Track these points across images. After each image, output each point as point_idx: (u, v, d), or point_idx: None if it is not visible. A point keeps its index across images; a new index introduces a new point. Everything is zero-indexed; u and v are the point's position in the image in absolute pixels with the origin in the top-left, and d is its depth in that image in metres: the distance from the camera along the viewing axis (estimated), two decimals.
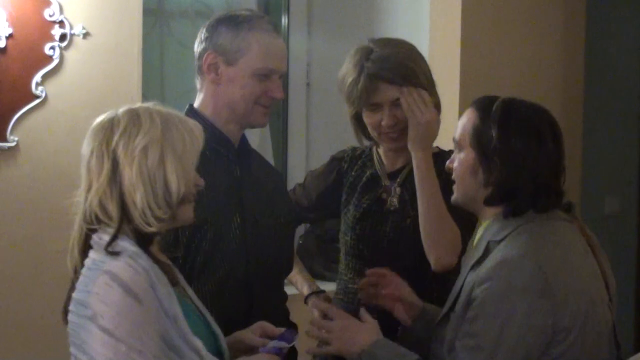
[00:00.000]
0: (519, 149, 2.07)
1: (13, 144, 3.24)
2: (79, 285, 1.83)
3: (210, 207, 2.26)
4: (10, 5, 3.19)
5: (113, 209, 1.85)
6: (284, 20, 4.37)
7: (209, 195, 2.26)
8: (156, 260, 1.88)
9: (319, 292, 2.77)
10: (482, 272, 2.02)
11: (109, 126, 1.88)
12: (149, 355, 1.75)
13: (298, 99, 4.35)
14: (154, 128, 1.87)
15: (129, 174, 1.84)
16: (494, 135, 2.08)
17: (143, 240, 1.86)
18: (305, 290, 2.76)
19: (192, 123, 1.95)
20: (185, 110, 2.40)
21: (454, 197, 2.22)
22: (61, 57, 3.27)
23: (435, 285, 2.51)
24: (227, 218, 2.31)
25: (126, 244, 1.83)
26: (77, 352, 1.80)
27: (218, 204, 2.29)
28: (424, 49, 3.81)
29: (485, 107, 2.14)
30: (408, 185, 2.57)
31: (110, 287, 1.76)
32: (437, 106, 2.56)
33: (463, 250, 2.36)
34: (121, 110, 1.91)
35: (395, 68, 2.50)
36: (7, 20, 3.18)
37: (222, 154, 2.35)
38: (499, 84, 3.68)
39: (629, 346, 4.08)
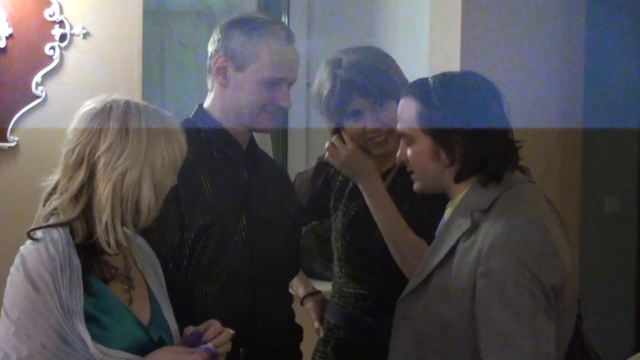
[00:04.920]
0: (472, 118, 2.07)
1: (13, 144, 3.24)
2: None
3: (217, 209, 2.26)
4: (10, 5, 3.19)
5: (72, 213, 1.86)
6: (284, 20, 4.37)
7: (215, 197, 2.26)
8: (90, 253, 1.87)
9: (314, 293, 2.76)
10: (485, 244, 2.00)
11: (97, 131, 1.87)
12: (36, 342, 1.78)
13: (298, 99, 4.33)
14: (138, 152, 1.86)
15: (101, 191, 1.85)
16: (443, 113, 2.07)
17: (89, 244, 1.87)
18: (301, 292, 2.75)
19: (177, 142, 1.93)
20: (195, 110, 2.41)
21: (416, 187, 2.19)
22: (61, 57, 3.27)
23: None
24: (233, 220, 2.30)
25: (54, 232, 1.85)
26: None
27: (224, 206, 2.29)
28: (424, 49, 3.81)
29: (421, 90, 2.12)
30: (395, 189, 2.55)
31: (17, 270, 1.83)
32: None
33: None
34: (114, 110, 1.89)
35: (368, 72, 2.49)
36: (7, 20, 3.18)
37: (230, 156, 2.35)
38: (498, 84, 3.67)
39: (629, 346, 4.08)
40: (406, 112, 2.14)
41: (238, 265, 2.28)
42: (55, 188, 1.91)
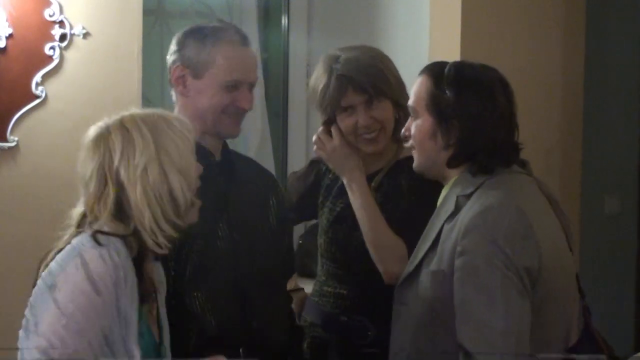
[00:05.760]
0: (475, 110, 2.13)
1: (13, 144, 3.25)
2: (57, 256, 1.89)
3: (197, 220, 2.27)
4: (10, 5, 3.19)
5: (126, 229, 1.89)
6: (284, 20, 4.37)
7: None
8: (139, 272, 1.91)
9: (296, 290, 2.78)
10: (462, 224, 2.05)
11: (105, 147, 1.91)
12: (84, 340, 1.80)
13: (298, 99, 4.34)
14: (147, 145, 1.90)
15: (135, 197, 1.88)
16: (449, 98, 2.13)
17: (142, 254, 1.90)
18: None
19: (178, 122, 1.98)
20: None
21: (415, 164, 2.26)
22: (61, 57, 3.27)
23: None
24: (213, 229, 2.31)
25: (117, 242, 1.86)
26: (29, 313, 1.88)
27: (203, 216, 2.29)
28: (424, 48, 3.81)
29: (437, 72, 2.18)
30: (382, 189, 2.57)
31: (77, 270, 1.83)
32: (407, 109, 2.55)
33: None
34: (111, 125, 1.94)
35: (364, 68, 2.51)
36: (7, 20, 3.18)
37: (203, 166, 2.36)
38: None
39: (628, 346, 4.08)
40: (418, 88, 2.21)
41: (222, 273, 2.29)
42: (83, 218, 1.93)
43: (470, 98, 2.13)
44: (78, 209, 1.96)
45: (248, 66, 2.37)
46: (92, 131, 1.96)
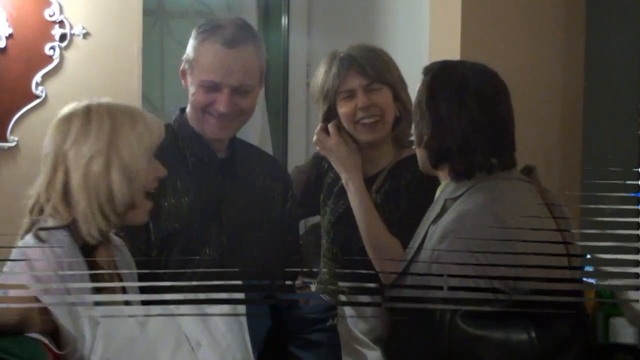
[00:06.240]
0: (442, 109, 2.08)
1: (13, 144, 3.25)
2: (7, 262, 1.89)
3: (184, 216, 2.27)
4: (10, 5, 3.20)
5: (64, 214, 1.90)
6: (284, 20, 4.37)
7: (184, 204, 2.26)
8: (92, 260, 1.91)
9: (301, 288, 2.78)
10: (441, 228, 2.02)
11: (66, 128, 1.93)
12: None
13: (298, 99, 4.34)
14: (101, 137, 1.91)
15: (74, 182, 1.90)
16: (425, 98, 2.10)
17: (88, 244, 1.91)
18: None
19: (145, 124, 1.97)
20: (177, 115, 2.43)
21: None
22: (61, 57, 3.28)
23: None
24: (202, 227, 2.30)
25: (59, 234, 1.88)
26: None
27: (193, 213, 2.28)
28: (424, 48, 3.81)
29: (428, 71, 2.15)
30: (383, 191, 2.56)
31: (22, 270, 1.83)
32: (407, 106, 2.55)
33: None
34: (78, 109, 1.95)
35: (368, 52, 2.53)
36: (7, 20, 3.19)
37: (204, 162, 2.36)
38: None
39: None
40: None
41: (208, 271, 2.28)
42: (39, 198, 1.94)
43: (441, 100, 2.09)
44: (35, 187, 1.97)
45: (229, 69, 2.33)
46: (63, 110, 1.98)
